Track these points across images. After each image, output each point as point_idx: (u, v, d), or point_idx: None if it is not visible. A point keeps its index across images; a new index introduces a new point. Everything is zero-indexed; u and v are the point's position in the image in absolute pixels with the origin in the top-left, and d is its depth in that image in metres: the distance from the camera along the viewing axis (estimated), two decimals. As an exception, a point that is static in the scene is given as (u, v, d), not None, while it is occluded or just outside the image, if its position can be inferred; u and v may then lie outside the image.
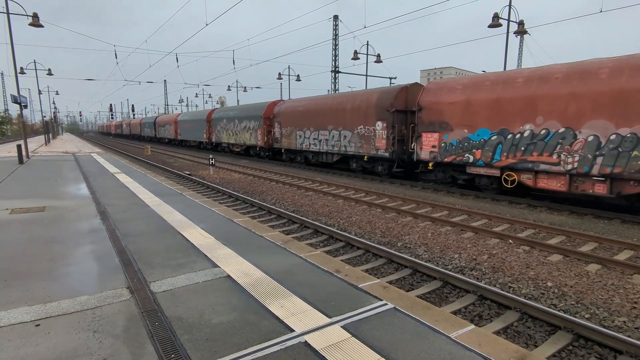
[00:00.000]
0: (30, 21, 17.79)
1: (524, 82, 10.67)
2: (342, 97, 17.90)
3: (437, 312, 3.44)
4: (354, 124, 16.55)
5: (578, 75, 9.62)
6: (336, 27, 32.37)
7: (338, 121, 17.46)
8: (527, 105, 10.47)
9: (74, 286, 3.76)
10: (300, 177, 16.35)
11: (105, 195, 8.68)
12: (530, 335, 4.28)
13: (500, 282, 5.62)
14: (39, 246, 5.00)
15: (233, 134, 27.74)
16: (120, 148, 39.17)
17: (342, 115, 17.23)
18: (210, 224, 6.23)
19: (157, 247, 5.01)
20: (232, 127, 27.80)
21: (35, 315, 3.18)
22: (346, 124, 17.00)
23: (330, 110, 18.01)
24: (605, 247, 7.25)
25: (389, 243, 7.51)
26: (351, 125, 16.69)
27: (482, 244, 7.29)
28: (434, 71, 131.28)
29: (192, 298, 3.52)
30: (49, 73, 31.16)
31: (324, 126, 18.42)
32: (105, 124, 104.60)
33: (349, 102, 16.91)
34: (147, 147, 30.13)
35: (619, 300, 4.99)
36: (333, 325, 3.05)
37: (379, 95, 15.49)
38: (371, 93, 16.10)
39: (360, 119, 16.19)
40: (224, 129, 29.05)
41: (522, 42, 37.89)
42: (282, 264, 4.42)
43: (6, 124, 59.24)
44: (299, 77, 38.85)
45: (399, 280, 5.80)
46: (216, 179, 16.46)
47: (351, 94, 17.53)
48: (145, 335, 2.87)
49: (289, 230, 8.42)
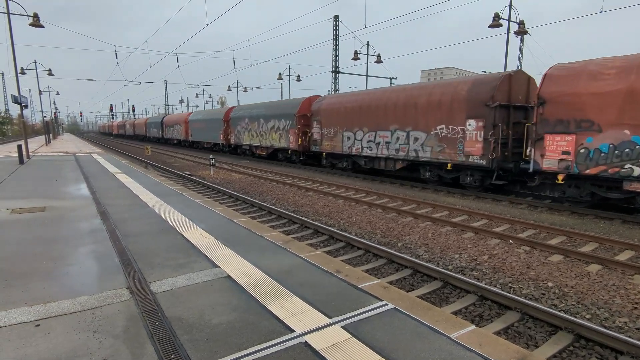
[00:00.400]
0: (31, 21, 17.81)
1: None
2: (411, 90, 14.41)
3: (437, 313, 3.44)
4: (430, 124, 13.21)
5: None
6: (336, 27, 32.37)
7: (406, 120, 14.12)
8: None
9: (74, 286, 3.76)
10: (301, 177, 16.35)
11: (105, 196, 8.68)
12: (530, 336, 4.27)
13: (500, 282, 5.61)
14: (39, 246, 5.00)
15: (257, 135, 24.39)
16: (121, 148, 39.18)
17: (411, 113, 13.90)
18: (211, 224, 6.22)
19: (157, 247, 5.01)
20: (256, 128, 24.50)
21: (35, 316, 3.17)
22: (418, 124, 13.66)
23: (394, 106, 14.61)
24: (606, 248, 7.24)
25: (390, 243, 7.51)
26: (426, 124, 13.37)
27: (483, 244, 7.28)
28: (434, 71, 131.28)
29: (192, 298, 3.51)
30: (50, 73, 31.21)
31: (384, 126, 15.12)
32: (106, 124, 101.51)
33: (422, 96, 13.55)
34: (147, 147, 30.08)
35: (619, 300, 4.98)
36: (333, 325, 3.05)
37: (471, 86, 12.08)
38: (458, 84, 12.78)
39: (440, 117, 12.83)
40: (246, 129, 25.74)
41: (523, 42, 37.88)
42: (282, 264, 4.42)
43: (7, 124, 59.27)
44: (300, 77, 38.85)
45: (399, 280, 5.80)
46: (216, 179, 16.46)
47: (424, 86, 14.07)
48: (145, 336, 2.87)
49: (289, 231, 8.42)
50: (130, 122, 68.03)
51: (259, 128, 24.12)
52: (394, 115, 14.69)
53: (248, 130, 25.57)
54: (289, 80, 39.55)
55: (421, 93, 13.71)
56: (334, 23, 32.36)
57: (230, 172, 18.81)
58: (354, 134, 16.72)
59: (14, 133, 62.44)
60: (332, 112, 18.01)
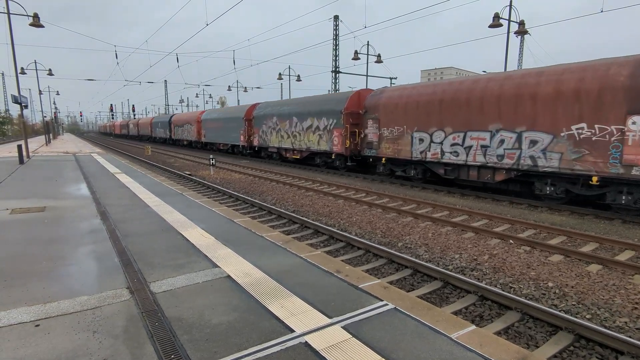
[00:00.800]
0: (31, 21, 17.81)
1: None
2: (523, 77, 11.01)
3: (437, 313, 3.43)
4: (559, 122, 10.05)
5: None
6: (336, 27, 32.37)
7: (516, 117, 10.93)
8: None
9: (73, 286, 3.75)
10: (301, 177, 16.34)
11: (105, 196, 8.68)
12: (531, 336, 4.27)
13: (501, 282, 5.61)
14: (39, 246, 5.00)
15: (289, 135, 21.33)
16: (121, 148, 39.18)
17: (525, 108, 10.68)
18: (211, 224, 6.22)
19: (157, 247, 5.00)
20: (287, 127, 21.41)
21: (35, 316, 3.17)
22: (537, 122, 10.48)
23: (497, 99, 11.31)
24: (606, 248, 7.24)
25: (390, 243, 7.50)
26: (552, 123, 10.18)
27: (483, 244, 7.28)
28: (435, 71, 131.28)
29: (192, 298, 3.51)
30: (50, 73, 31.22)
31: (478, 125, 11.88)
32: (107, 124, 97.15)
33: (544, 85, 10.33)
34: (148, 148, 30.07)
35: (620, 300, 4.97)
36: (333, 325, 3.04)
37: (635, 69, 8.82)
38: (609, 66, 9.32)
39: (578, 113, 9.68)
40: (273, 129, 22.79)
41: (523, 42, 37.89)
42: (282, 264, 4.41)
43: (7, 124, 59.26)
44: (300, 77, 38.85)
45: (399, 280, 5.79)
46: (217, 179, 16.46)
47: (547, 72, 10.60)
48: (145, 336, 2.86)
49: (290, 231, 8.41)
50: (134, 121, 64.59)
51: (292, 128, 21.00)
52: (496, 110, 11.34)
53: (276, 131, 22.41)
54: (289, 80, 39.57)
55: (542, 80, 10.42)
56: (334, 23, 32.37)
57: (231, 172, 18.80)
58: (430, 135, 13.31)
59: (14, 133, 62.45)
60: (395, 107, 14.64)
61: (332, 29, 32.48)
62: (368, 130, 15.97)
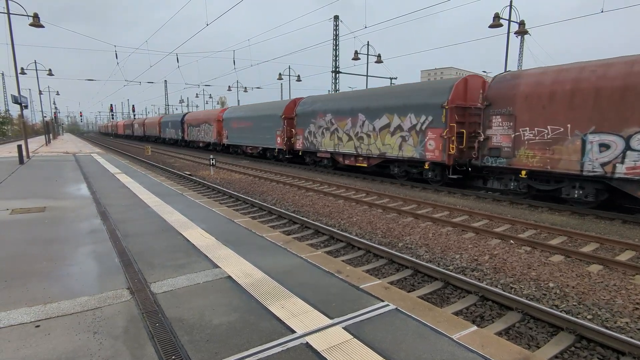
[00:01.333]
0: (31, 21, 17.81)
1: None
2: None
3: (438, 313, 3.43)
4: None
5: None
6: (336, 27, 32.37)
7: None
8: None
9: (74, 287, 3.75)
10: (301, 177, 16.34)
11: (105, 196, 8.67)
12: (532, 337, 4.26)
13: (501, 282, 5.60)
14: (39, 246, 4.99)
15: (350, 137, 16.92)
16: (121, 148, 39.18)
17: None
18: (211, 225, 6.21)
19: (157, 247, 4.99)
20: (347, 127, 17.01)
21: (35, 316, 3.16)
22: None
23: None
24: (607, 248, 7.23)
25: (390, 243, 7.50)
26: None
27: (484, 245, 7.27)
28: (435, 71, 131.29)
29: (193, 299, 3.50)
30: (50, 73, 31.22)
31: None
32: (109, 124, 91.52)
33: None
34: (148, 148, 30.05)
35: (621, 301, 4.97)
36: (334, 326, 3.03)
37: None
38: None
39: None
40: (327, 129, 18.34)
41: (523, 42, 37.90)
42: (282, 265, 4.40)
43: (7, 124, 59.29)
44: (300, 78, 38.85)
45: (400, 280, 5.78)
46: (217, 179, 16.45)
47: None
48: (146, 337, 2.86)
49: (290, 231, 8.40)
50: (139, 121, 59.79)
51: (356, 128, 16.61)
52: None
53: (331, 131, 18.05)
54: (289, 80, 39.56)
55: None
56: (334, 23, 32.37)
57: (231, 172, 18.80)
58: (626, 139, 8.70)
59: (14, 133, 62.46)
60: (548, 98, 10.04)
61: (332, 29, 32.50)
62: (493, 131, 11.33)
